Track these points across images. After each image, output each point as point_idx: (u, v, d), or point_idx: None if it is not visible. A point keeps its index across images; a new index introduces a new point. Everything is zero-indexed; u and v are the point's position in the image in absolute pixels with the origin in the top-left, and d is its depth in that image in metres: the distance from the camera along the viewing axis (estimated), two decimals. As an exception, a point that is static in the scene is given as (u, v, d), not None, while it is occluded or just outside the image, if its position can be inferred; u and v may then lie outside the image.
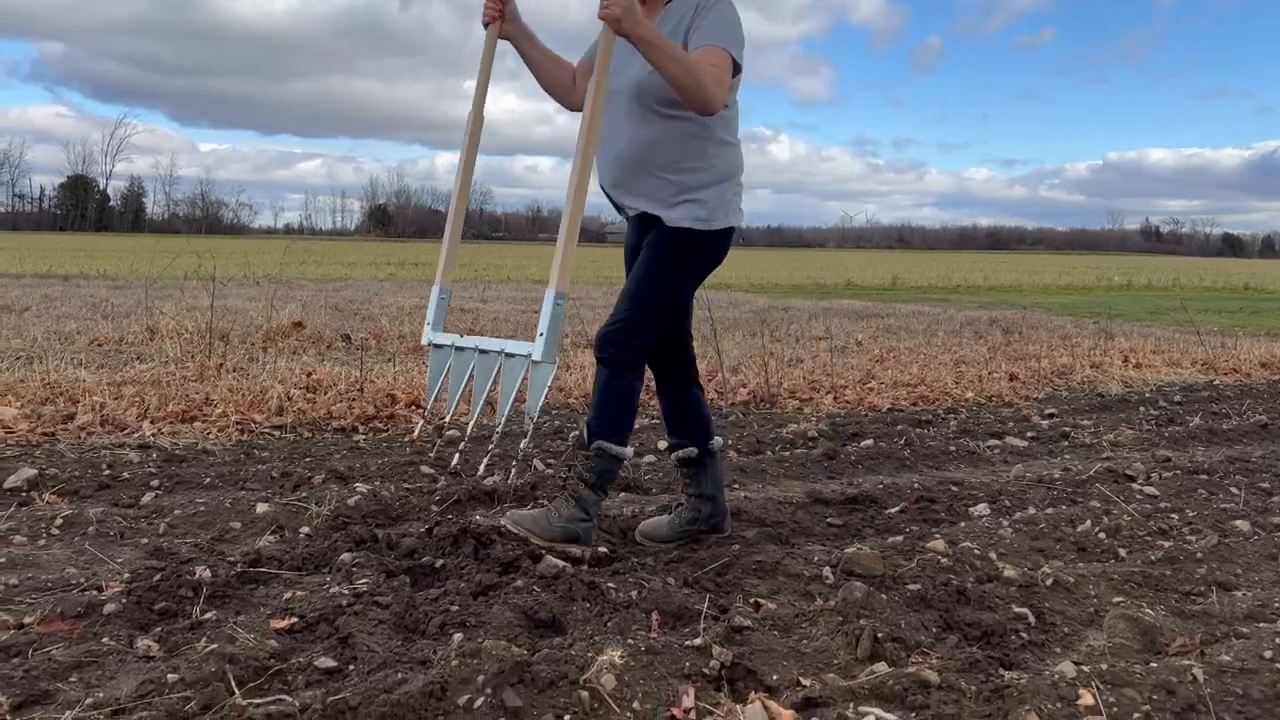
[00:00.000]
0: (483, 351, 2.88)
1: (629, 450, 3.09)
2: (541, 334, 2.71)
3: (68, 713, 2.01)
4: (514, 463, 4.03)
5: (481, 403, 2.85)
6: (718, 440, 3.36)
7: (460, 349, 2.97)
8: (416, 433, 4.50)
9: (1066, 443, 5.22)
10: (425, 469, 4.16)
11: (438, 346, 3.07)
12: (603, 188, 3.17)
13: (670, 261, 3.04)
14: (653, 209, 3.06)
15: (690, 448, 3.28)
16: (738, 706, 2.09)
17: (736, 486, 4.07)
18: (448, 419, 3.01)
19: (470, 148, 3.21)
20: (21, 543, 3.05)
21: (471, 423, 2.88)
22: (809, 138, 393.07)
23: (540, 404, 2.68)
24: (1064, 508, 3.73)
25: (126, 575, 2.75)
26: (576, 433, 3.13)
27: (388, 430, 5.03)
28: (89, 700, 2.07)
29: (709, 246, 3.07)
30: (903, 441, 4.89)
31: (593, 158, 2.90)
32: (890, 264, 40.18)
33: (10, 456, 4.03)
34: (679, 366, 3.28)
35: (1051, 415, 6.03)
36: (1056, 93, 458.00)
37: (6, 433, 4.42)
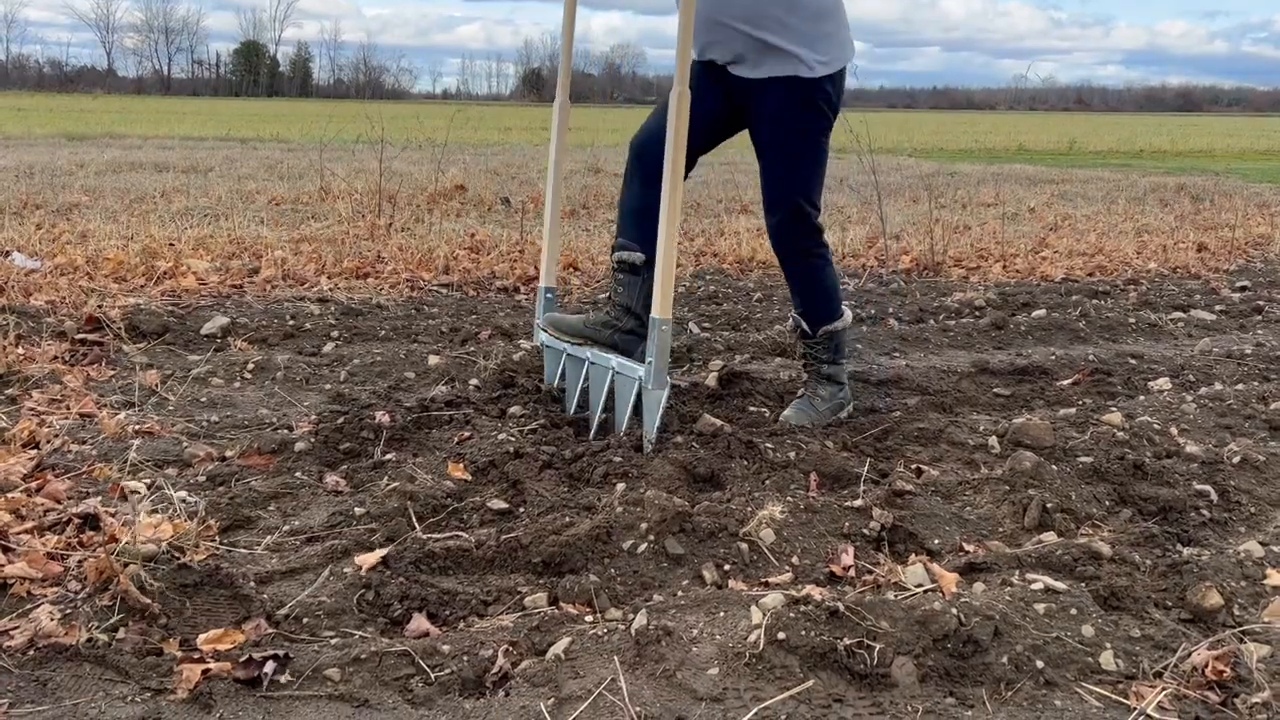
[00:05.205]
0: (593, 363, 2.86)
1: (849, 314, 3.10)
2: (649, 360, 2.65)
3: (268, 537, 2.19)
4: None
5: (599, 414, 2.83)
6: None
7: (572, 357, 2.96)
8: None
9: (1260, 317, 4.86)
10: (585, 328, 4.23)
11: (549, 348, 3.06)
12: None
13: (793, 127, 2.82)
14: (743, 70, 2.83)
15: (639, 253, 2.94)
16: (899, 567, 2.09)
17: (897, 354, 3.99)
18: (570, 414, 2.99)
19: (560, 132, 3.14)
20: (219, 384, 3.29)
21: (596, 416, 2.85)
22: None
23: (656, 425, 2.64)
24: (1255, 384, 3.50)
25: (313, 417, 2.94)
26: (792, 324, 3.13)
27: (548, 290, 5.13)
28: (286, 527, 2.25)
29: (824, 92, 2.82)
30: (1077, 312, 4.66)
31: (680, 181, 2.66)
32: (1067, 127, 37.57)
33: (205, 306, 4.33)
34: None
35: (1244, 288, 5.61)
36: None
37: (200, 284, 4.73)
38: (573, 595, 1.97)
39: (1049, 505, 2.35)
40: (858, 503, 2.31)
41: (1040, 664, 1.71)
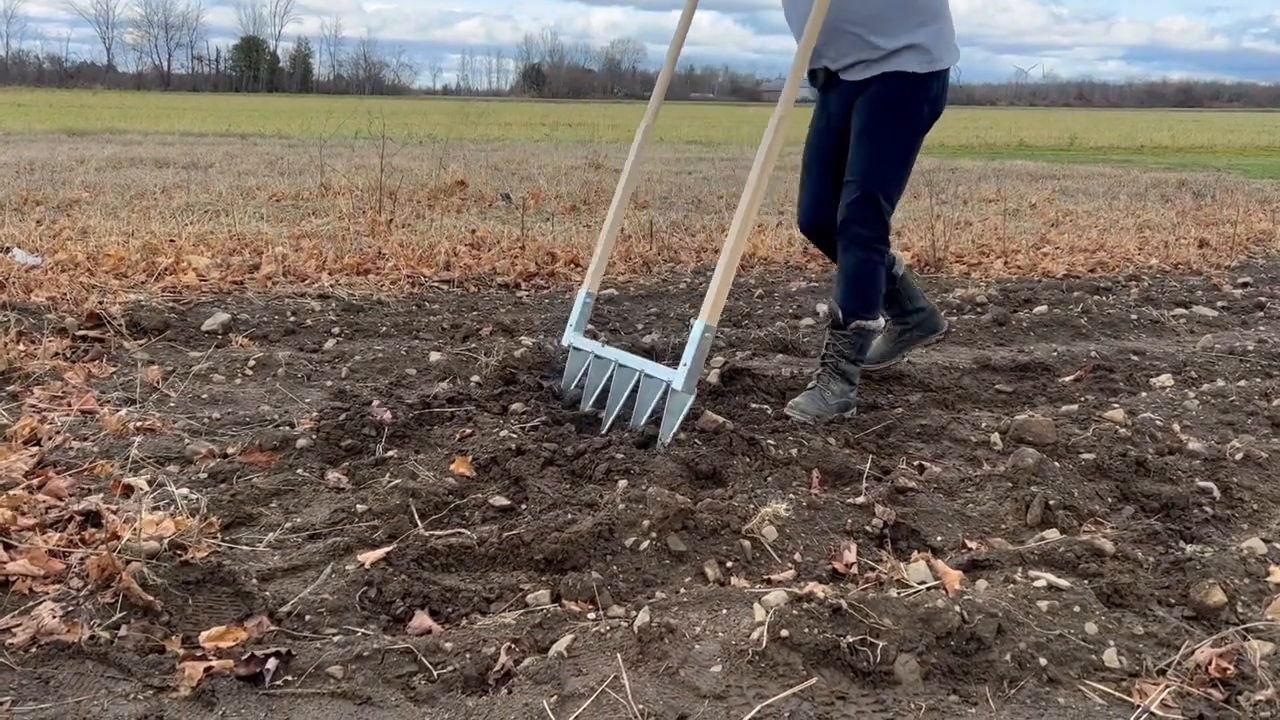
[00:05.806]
0: (622, 366, 2.84)
1: (882, 321, 3.16)
2: (685, 364, 2.65)
3: (270, 534, 2.19)
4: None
5: (614, 416, 2.81)
6: (900, 259, 3.35)
7: (600, 358, 2.94)
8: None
9: (1262, 313, 4.86)
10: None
11: (577, 350, 3.06)
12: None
13: (890, 119, 2.93)
14: (855, 74, 2.96)
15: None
16: (901, 564, 2.09)
17: (899, 350, 3.98)
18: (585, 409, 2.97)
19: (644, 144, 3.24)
20: (220, 381, 3.29)
21: (612, 415, 2.85)
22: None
23: (674, 431, 2.63)
24: (1258, 380, 3.49)
25: (315, 414, 2.94)
26: (826, 309, 3.13)
27: (548, 287, 5.13)
28: (288, 524, 2.25)
29: (929, 90, 2.95)
30: (1079, 309, 4.65)
31: (762, 193, 2.74)
32: (1068, 123, 37.53)
33: (205, 302, 4.32)
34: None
35: (1246, 284, 5.60)
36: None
37: (201, 280, 4.73)
38: (575, 592, 1.97)
39: (1051, 502, 2.35)
40: (860, 500, 2.31)
41: (1043, 661, 1.71)
